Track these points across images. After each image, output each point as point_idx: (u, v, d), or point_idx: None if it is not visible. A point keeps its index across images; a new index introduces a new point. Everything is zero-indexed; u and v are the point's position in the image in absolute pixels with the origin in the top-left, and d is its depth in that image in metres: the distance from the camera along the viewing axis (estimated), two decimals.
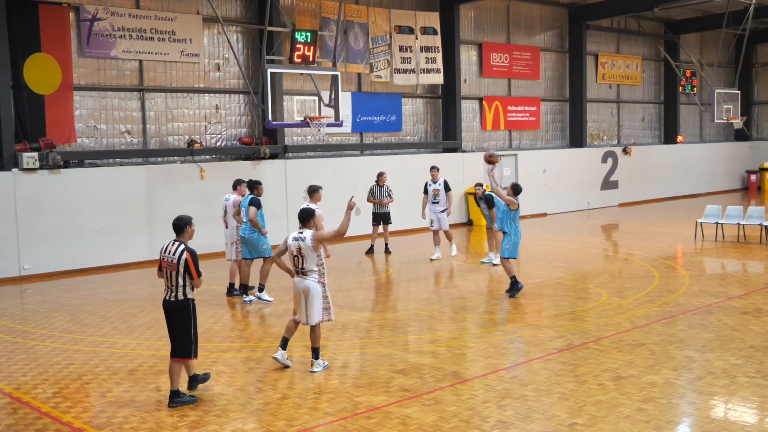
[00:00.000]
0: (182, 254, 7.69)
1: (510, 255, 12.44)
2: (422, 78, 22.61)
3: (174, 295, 7.78)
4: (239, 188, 13.11)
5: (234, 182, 13.29)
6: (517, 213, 12.42)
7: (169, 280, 7.79)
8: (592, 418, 7.13)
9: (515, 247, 12.44)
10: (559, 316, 11.31)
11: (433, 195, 16.41)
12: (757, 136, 36.05)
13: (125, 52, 17.03)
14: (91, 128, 16.98)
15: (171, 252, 7.75)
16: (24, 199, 15.24)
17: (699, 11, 28.67)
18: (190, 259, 7.68)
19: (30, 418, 7.51)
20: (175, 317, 7.82)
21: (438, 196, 16.35)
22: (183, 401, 7.74)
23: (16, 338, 10.67)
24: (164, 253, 7.84)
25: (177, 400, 7.74)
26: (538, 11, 26.34)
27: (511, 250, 12.42)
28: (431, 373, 8.59)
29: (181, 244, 7.79)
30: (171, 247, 7.80)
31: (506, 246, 12.45)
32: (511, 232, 12.41)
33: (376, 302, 12.48)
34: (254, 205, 12.39)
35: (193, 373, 8.04)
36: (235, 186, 13.20)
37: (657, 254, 16.55)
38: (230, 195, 13.20)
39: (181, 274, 7.69)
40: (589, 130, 28.51)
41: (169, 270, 7.75)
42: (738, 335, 9.89)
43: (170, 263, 7.73)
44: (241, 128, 19.39)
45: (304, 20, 19.47)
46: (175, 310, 7.81)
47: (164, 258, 7.82)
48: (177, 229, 7.89)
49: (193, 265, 7.69)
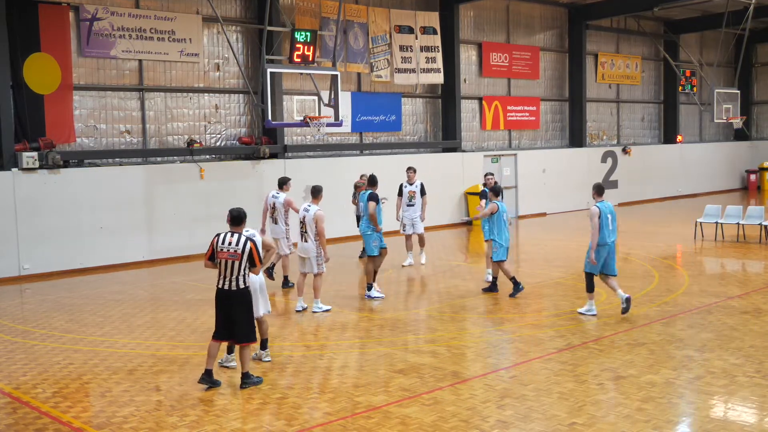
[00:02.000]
0: (246, 243, 8.06)
1: (499, 258, 12.49)
2: (422, 78, 22.62)
3: (233, 284, 8.11)
4: (285, 186, 13.54)
5: (279, 180, 13.73)
6: (500, 216, 12.46)
7: (228, 269, 8.07)
8: (592, 417, 7.13)
9: (502, 249, 12.49)
10: (559, 315, 11.31)
11: (409, 197, 15.61)
12: (757, 135, 36.06)
13: (125, 52, 17.03)
14: (91, 128, 16.98)
15: (233, 243, 8.08)
16: (24, 198, 15.24)
17: (699, 11, 28.68)
18: (254, 249, 8.11)
19: (30, 418, 7.51)
20: (236, 305, 8.16)
21: (414, 198, 15.56)
22: (253, 381, 8.22)
23: (15, 338, 10.67)
24: (222, 244, 8.11)
25: (247, 381, 8.17)
26: (537, 11, 26.35)
27: (499, 253, 12.48)
28: (431, 372, 8.59)
29: (242, 235, 8.15)
30: (231, 239, 8.12)
31: (494, 250, 12.53)
32: (498, 236, 12.44)
33: (375, 302, 12.47)
34: (373, 200, 12.57)
35: (246, 370, 8.35)
36: (281, 185, 13.59)
37: (656, 254, 16.55)
38: (278, 193, 13.47)
39: (244, 263, 8.03)
40: (589, 129, 28.52)
41: (231, 260, 8.05)
42: (737, 335, 9.89)
43: (233, 253, 8.05)
44: (241, 128, 19.39)
45: (304, 20, 19.47)
46: (236, 298, 8.15)
47: (222, 249, 8.09)
48: (236, 221, 8.25)
49: (256, 253, 8.12)
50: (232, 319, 8.19)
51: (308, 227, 11.36)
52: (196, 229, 17.20)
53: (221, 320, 8.28)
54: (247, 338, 8.26)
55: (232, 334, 8.26)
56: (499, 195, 12.76)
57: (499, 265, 12.58)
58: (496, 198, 12.64)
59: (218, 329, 8.33)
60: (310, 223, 11.31)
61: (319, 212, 11.30)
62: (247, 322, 8.25)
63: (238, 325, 8.20)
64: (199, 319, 11.46)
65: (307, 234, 11.40)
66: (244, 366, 8.26)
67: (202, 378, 8.26)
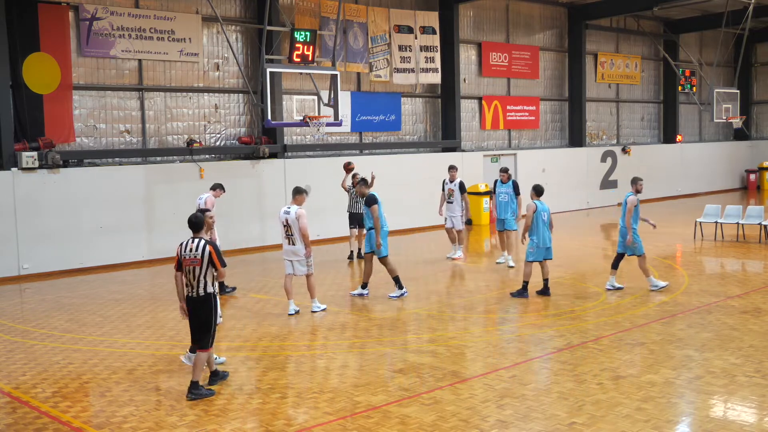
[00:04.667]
0: (205, 247, 7.92)
1: (535, 259, 12.40)
2: (420, 77, 22.62)
3: (199, 290, 7.97)
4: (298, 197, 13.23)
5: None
6: (539, 216, 12.34)
7: (192, 275, 7.96)
8: (592, 417, 7.13)
9: (539, 251, 12.38)
10: (559, 315, 11.31)
11: (448, 194, 16.40)
12: (757, 135, 36.06)
13: (124, 52, 17.03)
14: (91, 128, 16.97)
15: (193, 249, 7.95)
16: (23, 198, 15.23)
17: (698, 10, 28.67)
18: (213, 252, 7.94)
19: (29, 418, 7.51)
20: (201, 311, 8.03)
21: (453, 196, 16.31)
22: (202, 394, 7.88)
23: (15, 338, 10.66)
24: (185, 252, 7.99)
25: (195, 392, 7.88)
26: (537, 10, 26.34)
27: (535, 254, 12.38)
28: (430, 372, 8.59)
29: (201, 239, 8.02)
30: (192, 245, 7.99)
31: (530, 249, 12.43)
32: (537, 236, 12.36)
33: (375, 302, 12.47)
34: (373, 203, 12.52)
35: (214, 368, 8.27)
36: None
37: (656, 253, 16.55)
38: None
39: (206, 267, 7.91)
40: (589, 129, 28.52)
41: (193, 266, 7.92)
42: (737, 334, 9.89)
43: (194, 259, 7.92)
44: (241, 128, 19.38)
45: (304, 20, 19.47)
46: (199, 304, 8.01)
47: (185, 256, 7.97)
48: (195, 227, 8.12)
49: (216, 256, 7.94)
50: (194, 325, 8.08)
51: (293, 229, 11.29)
52: None
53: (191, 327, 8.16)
54: (200, 344, 8.03)
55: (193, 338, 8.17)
56: (541, 194, 12.58)
57: (528, 264, 12.47)
58: (537, 198, 12.50)
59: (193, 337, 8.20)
60: (294, 224, 11.24)
61: (300, 210, 11.27)
62: (206, 329, 8.02)
63: (199, 330, 8.03)
64: None
65: (293, 236, 11.30)
66: (194, 374, 7.97)
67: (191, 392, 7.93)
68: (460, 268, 15.74)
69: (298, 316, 11.51)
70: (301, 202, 11.43)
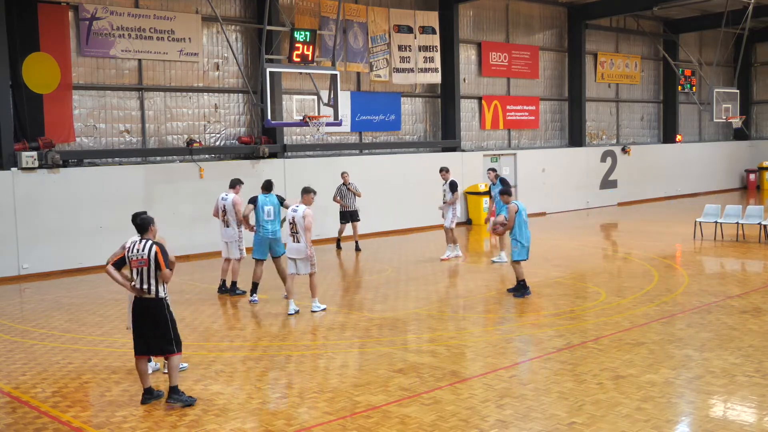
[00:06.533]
0: (152, 248, 7.78)
1: (521, 258, 12.46)
2: (420, 77, 22.61)
3: (148, 292, 7.76)
4: (237, 187, 13.16)
5: (231, 181, 13.42)
6: (520, 216, 12.40)
7: (139, 277, 7.80)
8: (591, 417, 7.13)
9: (524, 249, 12.44)
10: (558, 315, 11.31)
11: (443, 194, 16.58)
12: (756, 135, 36.06)
13: (124, 52, 17.02)
14: (90, 127, 16.97)
15: (140, 249, 7.81)
16: (23, 198, 15.23)
17: (698, 10, 28.67)
18: (159, 253, 7.76)
19: (29, 418, 7.51)
20: (156, 314, 7.76)
21: (445, 196, 16.48)
22: (181, 399, 7.73)
23: (15, 337, 10.66)
24: (132, 252, 7.84)
25: (175, 396, 7.74)
26: (537, 10, 26.34)
27: (521, 253, 12.43)
28: (430, 372, 8.59)
29: (149, 241, 7.89)
30: (139, 246, 7.86)
31: (515, 249, 12.47)
32: (520, 236, 12.39)
33: (375, 301, 12.47)
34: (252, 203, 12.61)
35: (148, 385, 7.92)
36: (232, 185, 13.25)
37: (656, 253, 16.55)
38: (227, 194, 13.15)
39: (153, 268, 7.75)
40: (588, 129, 28.52)
41: (140, 267, 7.78)
42: (737, 334, 9.89)
43: (141, 260, 7.77)
44: (240, 127, 19.38)
45: (303, 19, 19.46)
46: (153, 307, 7.77)
47: (132, 257, 7.82)
48: (141, 229, 7.99)
49: (161, 257, 7.75)
50: (146, 331, 7.76)
51: (299, 227, 11.30)
52: (196, 229, 17.19)
53: (136, 333, 7.87)
54: (163, 351, 7.80)
55: (149, 347, 7.82)
56: (512, 194, 12.79)
57: (516, 264, 12.53)
58: (510, 198, 12.59)
59: (135, 343, 7.88)
60: (300, 222, 11.27)
61: (308, 210, 11.31)
62: (162, 335, 7.74)
63: (153, 337, 7.76)
64: (198, 318, 11.46)
65: (298, 234, 11.34)
66: (172, 379, 7.77)
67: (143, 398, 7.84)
68: (459, 267, 15.73)
69: (298, 316, 11.51)
70: (308, 202, 11.48)
